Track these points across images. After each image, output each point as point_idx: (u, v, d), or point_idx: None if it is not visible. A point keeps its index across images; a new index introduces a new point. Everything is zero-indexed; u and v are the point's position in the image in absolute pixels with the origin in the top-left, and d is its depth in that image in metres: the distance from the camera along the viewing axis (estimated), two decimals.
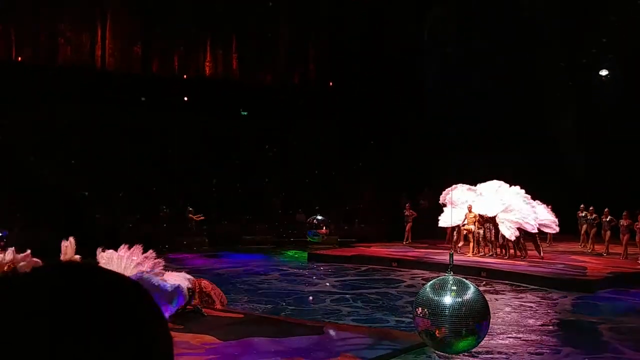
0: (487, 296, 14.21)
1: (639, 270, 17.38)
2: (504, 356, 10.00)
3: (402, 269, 18.36)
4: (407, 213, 22.70)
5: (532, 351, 10.33)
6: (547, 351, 10.37)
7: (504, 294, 15.15)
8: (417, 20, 30.94)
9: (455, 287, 5.42)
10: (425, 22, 31.13)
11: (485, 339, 10.40)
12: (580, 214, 21.45)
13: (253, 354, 9.50)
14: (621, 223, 18.91)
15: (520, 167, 24.52)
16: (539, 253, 18.81)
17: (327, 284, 16.51)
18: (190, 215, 22.88)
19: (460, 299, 5.32)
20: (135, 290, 0.83)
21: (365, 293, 15.16)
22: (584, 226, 21.11)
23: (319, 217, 19.73)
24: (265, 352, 9.56)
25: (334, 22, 31.95)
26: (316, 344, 10.05)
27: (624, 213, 18.98)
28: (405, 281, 16.76)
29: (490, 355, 9.90)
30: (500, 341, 10.79)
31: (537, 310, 13.51)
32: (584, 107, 28.72)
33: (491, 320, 11.70)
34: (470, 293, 5.40)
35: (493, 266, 17.64)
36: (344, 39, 31.44)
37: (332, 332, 10.88)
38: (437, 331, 5.35)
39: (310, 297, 14.61)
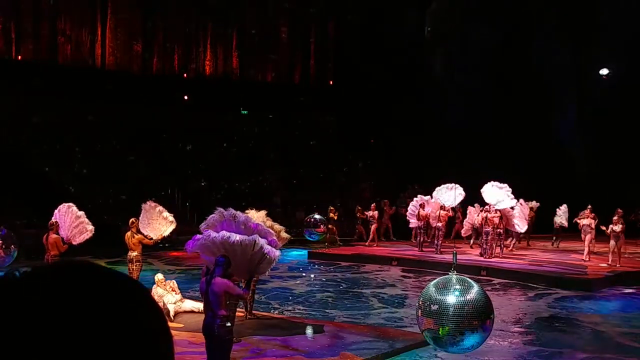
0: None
1: (638, 269, 17.38)
2: (504, 356, 9.99)
3: (402, 268, 18.36)
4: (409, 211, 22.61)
5: (532, 351, 10.32)
6: (548, 351, 10.36)
7: (504, 293, 15.15)
8: (417, 17, 30.95)
9: (459, 286, 5.41)
10: (425, 17, 31.15)
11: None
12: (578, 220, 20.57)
13: (252, 353, 9.49)
14: (611, 228, 17.57)
15: (520, 167, 24.53)
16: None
17: (327, 282, 16.50)
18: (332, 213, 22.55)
19: (463, 298, 5.31)
20: (136, 289, 0.83)
21: (366, 292, 15.15)
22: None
23: (317, 216, 19.64)
24: (265, 351, 9.56)
25: (334, 19, 31.96)
26: (316, 342, 10.05)
27: (614, 217, 18.09)
28: (405, 280, 16.77)
29: (489, 356, 9.88)
30: (501, 341, 10.77)
31: (537, 309, 13.50)
32: (585, 107, 28.73)
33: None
34: (473, 292, 5.39)
35: (493, 265, 17.63)
36: (345, 36, 31.45)
37: (309, 333, 10.82)
38: (440, 330, 5.34)
39: (310, 296, 14.61)
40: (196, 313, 11.53)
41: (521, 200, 19.75)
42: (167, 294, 11.82)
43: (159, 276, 12.11)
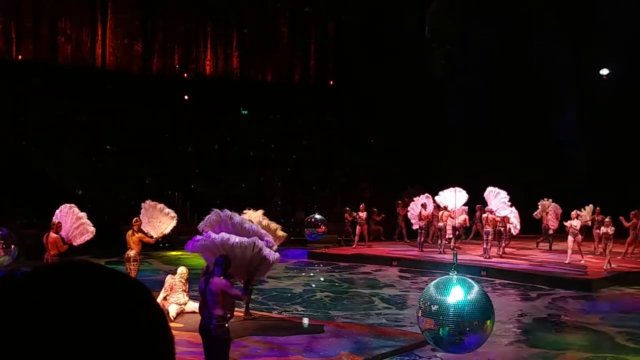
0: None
1: (638, 269, 17.37)
2: (504, 357, 9.98)
3: (402, 268, 18.36)
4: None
5: (533, 352, 10.32)
6: (549, 352, 10.36)
7: (504, 293, 15.14)
8: (417, 16, 30.92)
9: (459, 286, 5.41)
10: (425, 17, 31.12)
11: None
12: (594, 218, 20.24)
13: (252, 352, 9.49)
14: (603, 230, 17.22)
15: (520, 167, 24.48)
16: None
17: (327, 282, 16.50)
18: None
19: (464, 298, 5.31)
20: (136, 289, 0.82)
21: (365, 292, 15.15)
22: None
23: (317, 216, 19.63)
24: (264, 351, 9.55)
25: (334, 19, 31.94)
26: (316, 342, 10.04)
27: (606, 219, 17.38)
28: (405, 280, 16.76)
29: (489, 356, 9.87)
30: (501, 341, 10.76)
31: (537, 309, 13.50)
32: (585, 107, 28.69)
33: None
34: (474, 292, 5.39)
35: (493, 265, 17.64)
36: (345, 36, 31.43)
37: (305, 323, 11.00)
38: (440, 330, 5.34)
39: (310, 296, 14.60)
40: (197, 313, 11.50)
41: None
42: (179, 291, 11.72)
43: (182, 270, 11.88)
